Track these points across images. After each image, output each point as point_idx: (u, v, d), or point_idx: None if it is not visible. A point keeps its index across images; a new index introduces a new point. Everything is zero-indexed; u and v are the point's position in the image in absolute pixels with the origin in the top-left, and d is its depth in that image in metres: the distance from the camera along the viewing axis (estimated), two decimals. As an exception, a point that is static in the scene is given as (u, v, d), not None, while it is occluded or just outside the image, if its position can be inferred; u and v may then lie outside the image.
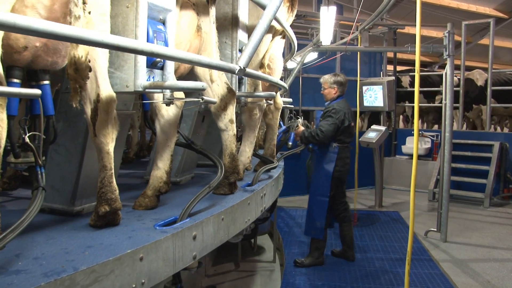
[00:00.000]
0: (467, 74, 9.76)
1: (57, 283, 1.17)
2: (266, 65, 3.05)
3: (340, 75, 4.76)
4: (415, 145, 3.10)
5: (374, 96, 7.73)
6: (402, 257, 4.91)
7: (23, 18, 1.03)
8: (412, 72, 10.32)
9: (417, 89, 3.11)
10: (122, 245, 1.46)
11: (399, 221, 6.69)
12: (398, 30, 9.01)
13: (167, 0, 1.89)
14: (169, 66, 1.93)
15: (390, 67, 10.20)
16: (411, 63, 15.58)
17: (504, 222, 6.68)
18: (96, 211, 1.64)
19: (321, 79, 4.82)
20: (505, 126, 12.04)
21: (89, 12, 1.46)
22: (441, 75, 7.14)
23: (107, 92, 1.56)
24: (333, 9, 5.61)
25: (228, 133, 2.43)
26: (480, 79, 9.79)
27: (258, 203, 2.61)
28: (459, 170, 7.91)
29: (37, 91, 1.35)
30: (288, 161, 5.52)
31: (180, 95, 1.99)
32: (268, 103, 3.24)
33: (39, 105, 1.55)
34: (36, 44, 1.46)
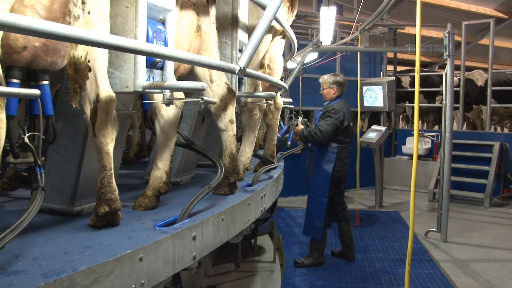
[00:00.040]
0: (467, 74, 9.76)
1: (57, 283, 1.17)
2: (266, 65, 3.05)
3: (339, 75, 4.75)
4: (415, 145, 3.10)
5: (374, 96, 7.73)
6: (402, 257, 4.91)
7: (24, 18, 1.03)
8: (412, 72, 10.32)
9: (417, 89, 3.11)
10: (121, 245, 1.45)
11: (399, 221, 6.69)
12: (398, 30, 9.00)
13: (167, 0, 1.89)
14: (169, 66, 1.92)
15: (390, 67, 10.20)
16: (411, 63, 15.59)
17: (504, 222, 6.68)
18: (95, 212, 1.64)
19: (320, 79, 4.82)
20: (505, 126, 12.03)
21: (88, 12, 1.45)
22: (441, 75, 7.13)
23: (106, 92, 1.56)
24: (333, 9, 5.60)
25: (228, 133, 2.43)
26: (480, 79, 9.79)
27: (258, 204, 2.61)
28: (459, 170, 7.91)
29: (36, 91, 1.35)
30: (288, 162, 5.52)
31: (180, 95, 1.99)
32: (268, 103, 3.23)
33: (39, 105, 1.54)
34: (35, 44, 1.45)
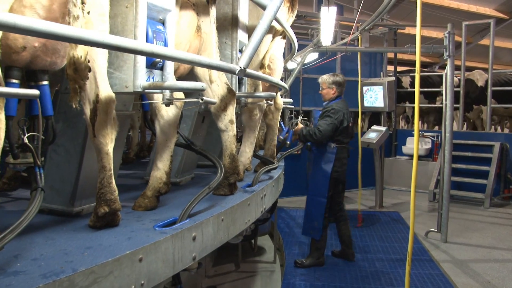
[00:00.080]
0: (468, 74, 9.75)
1: (56, 284, 1.16)
2: (266, 65, 3.05)
3: (338, 75, 4.75)
4: (415, 146, 3.09)
5: (374, 96, 7.72)
6: (402, 258, 4.91)
7: (24, 18, 1.03)
8: (412, 72, 10.32)
9: (417, 89, 3.11)
10: (121, 246, 1.45)
11: (400, 221, 6.68)
12: (398, 30, 8.99)
13: (167, 0, 1.88)
14: (169, 66, 1.92)
15: (390, 68, 10.20)
16: (411, 63, 15.56)
17: (504, 222, 6.67)
18: (95, 212, 1.63)
19: (319, 79, 4.81)
20: (505, 126, 12.02)
21: (87, 12, 1.45)
22: (441, 75, 7.13)
23: (106, 92, 1.56)
24: (334, 10, 5.60)
25: (228, 133, 2.43)
26: (480, 79, 9.79)
27: (258, 204, 2.60)
28: (459, 170, 7.90)
29: (35, 92, 1.35)
30: (288, 162, 5.51)
31: (179, 95, 1.99)
32: (268, 103, 3.23)
33: (38, 105, 1.54)
34: (34, 44, 1.45)
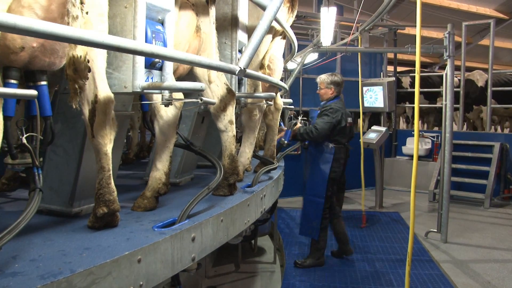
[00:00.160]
0: (468, 74, 9.75)
1: (54, 285, 1.16)
2: (266, 65, 3.04)
3: (337, 75, 4.74)
4: (415, 146, 3.09)
5: (374, 96, 7.72)
6: (402, 258, 4.90)
7: (24, 19, 1.02)
8: (412, 72, 10.31)
9: (417, 89, 3.11)
10: (120, 246, 1.44)
11: (400, 221, 6.68)
12: (398, 30, 8.99)
13: (166, 0, 1.88)
14: (168, 66, 1.91)
15: (390, 68, 10.20)
16: (411, 63, 15.56)
17: (504, 223, 6.67)
18: (94, 213, 1.63)
19: (317, 78, 4.80)
20: (505, 127, 12.02)
21: (86, 12, 1.45)
22: (441, 75, 7.13)
23: (105, 93, 1.55)
24: (333, 10, 5.59)
25: (227, 134, 2.42)
26: (480, 79, 9.79)
27: (258, 204, 2.60)
28: (459, 170, 7.90)
29: (33, 92, 1.34)
30: (288, 162, 5.51)
31: (179, 96, 1.98)
32: (268, 104, 3.22)
33: (36, 106, 1.54)
34: (33, 44, 1.44)
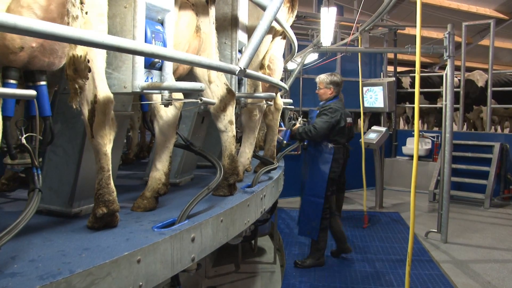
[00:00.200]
0: (468, 75, 9.74)
1: (53, 286, 1.15)
2: (266, 66, 3.04)
3: (336, 75, 4.74)
4: (415, 146, 3.09)
5: (374, 97, 7.72)
6: (402, 258, 4.90)
7: (24, 19, 1.02)
8: (412, 73, 10.31)
9: (417, 90, 3.11)
10: (119, 247, 1.44)
11: (400, 222, 6.68)
12: (398, 31, 8.98)
13: (166, 0, 1.87)
14: (168, 66, 1.91)
15: (390, 68, 10.19)
16: (411, 64, 15.56)
17: (504, 223, 6.67)
18: (93, 213, 1.62)
19: (316, 78, 4.79)
20: (505, 126, 12.02)
21: (86, 12, 1.44)
22: (441, 76, 7.12)
23: (104, 93, 1.55)
24: (334, 10, 5.59)
25: (227, 134, 2.42)
26: (480, 80, 9.78)
27: (257, 205, 2.59)
28: (459, 171, 7.90)
29: (32, 92, 1.34)
30: (288, 162, 5.50)
31: (178, 96, 1.98)
32: (268, 104, 3.22)
33: (35, 106, 1.53)
34: (32, 44, 1.44)
